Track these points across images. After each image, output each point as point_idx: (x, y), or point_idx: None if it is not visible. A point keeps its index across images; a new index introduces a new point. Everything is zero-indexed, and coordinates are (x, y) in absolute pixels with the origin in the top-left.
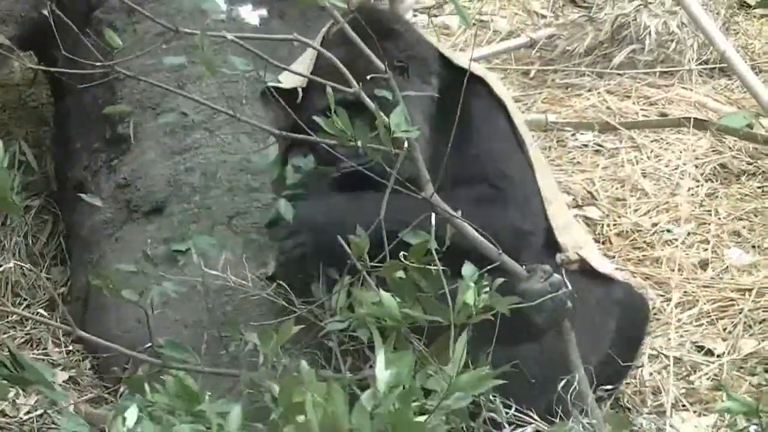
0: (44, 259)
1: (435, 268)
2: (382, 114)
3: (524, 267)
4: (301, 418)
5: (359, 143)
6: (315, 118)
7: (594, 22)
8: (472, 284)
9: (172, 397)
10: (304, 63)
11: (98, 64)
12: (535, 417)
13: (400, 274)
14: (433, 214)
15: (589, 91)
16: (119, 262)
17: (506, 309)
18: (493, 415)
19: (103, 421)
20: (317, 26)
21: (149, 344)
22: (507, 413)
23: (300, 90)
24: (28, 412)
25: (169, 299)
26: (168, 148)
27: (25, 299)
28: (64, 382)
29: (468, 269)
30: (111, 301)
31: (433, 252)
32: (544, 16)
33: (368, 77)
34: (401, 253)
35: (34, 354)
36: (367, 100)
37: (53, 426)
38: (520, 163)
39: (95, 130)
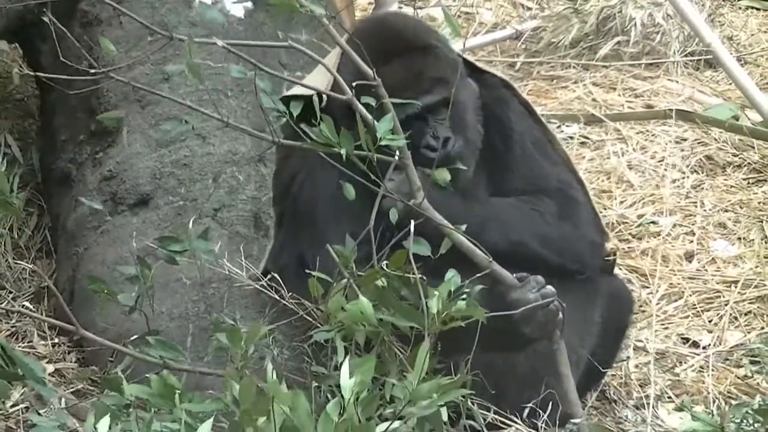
0: (30, 252)
1: (414, 276)
2: (372, 119)
3: (515, 276)
4: (262, 421)
5: (343, 152)
6: (303, 126)
7: (579, 14)
8: (437, 293)
9: (152, 395)
10: (322, 70)
11: (92, 70)
12: (517, 421)
13: (381, 282)
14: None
15: (575, 83)
16: (105, 254)
17: (483, 317)
18: (472, 423)
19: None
20: (302, 18)
21: (135, 336)
22: (485, 418)
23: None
24: (14, 405)
25: (155, 291)
26: (153, 140)
27: (10, 291)
28: (49, 374)
29: (450, 274)
30: None
31: (411, 260)
32: (529, 8)
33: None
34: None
35: (20, 347)
36: (360, 107)
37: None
38: (570, 170)
39: (80, 123)
